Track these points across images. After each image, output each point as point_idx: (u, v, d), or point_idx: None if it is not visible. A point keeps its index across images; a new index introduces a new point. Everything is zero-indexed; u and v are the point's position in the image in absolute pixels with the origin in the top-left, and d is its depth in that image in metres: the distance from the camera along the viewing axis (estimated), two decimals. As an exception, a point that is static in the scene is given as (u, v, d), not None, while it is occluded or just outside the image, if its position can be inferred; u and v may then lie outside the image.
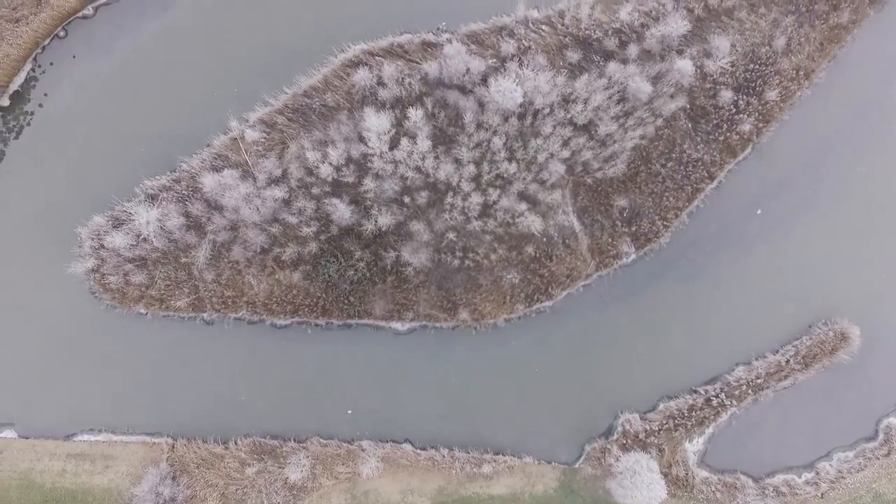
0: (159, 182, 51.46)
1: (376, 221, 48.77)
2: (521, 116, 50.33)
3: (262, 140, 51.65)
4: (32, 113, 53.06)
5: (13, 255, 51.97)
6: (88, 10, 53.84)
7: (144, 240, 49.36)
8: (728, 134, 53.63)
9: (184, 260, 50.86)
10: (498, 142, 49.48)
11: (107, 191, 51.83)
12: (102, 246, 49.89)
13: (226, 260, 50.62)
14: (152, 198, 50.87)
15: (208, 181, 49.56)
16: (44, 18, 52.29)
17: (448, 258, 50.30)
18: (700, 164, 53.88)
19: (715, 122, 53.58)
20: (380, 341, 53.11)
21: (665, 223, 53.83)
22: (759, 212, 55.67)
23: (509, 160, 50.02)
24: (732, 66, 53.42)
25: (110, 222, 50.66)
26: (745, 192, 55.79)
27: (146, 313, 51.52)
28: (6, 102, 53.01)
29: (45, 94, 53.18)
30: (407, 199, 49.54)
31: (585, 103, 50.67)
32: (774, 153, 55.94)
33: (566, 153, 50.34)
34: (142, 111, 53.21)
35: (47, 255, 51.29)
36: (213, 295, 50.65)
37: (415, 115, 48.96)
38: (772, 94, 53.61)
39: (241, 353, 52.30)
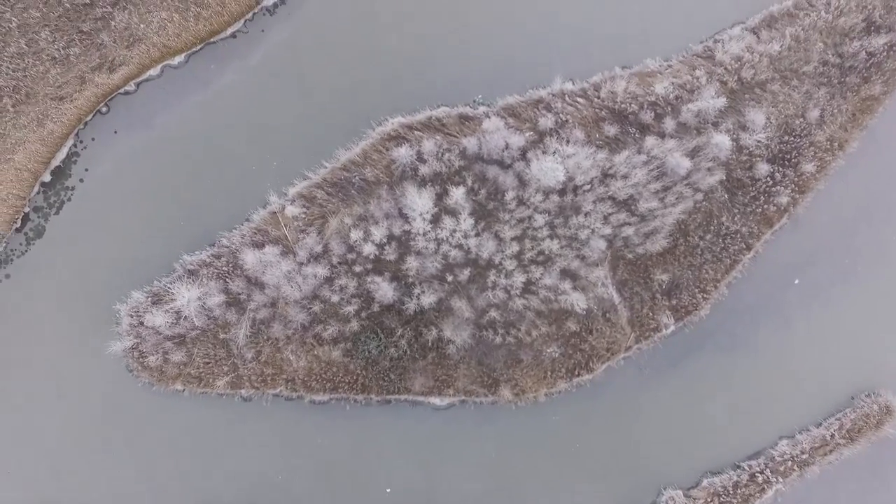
0: (199, 258, 51.52)
1: (419, 299, 48.62)
2: (562, 192, 50.58)
3: (302, 215, 51.83)
4: (73, 188, 53.45)
5: (51, 331, 51.66)
6: (131, 87, 54.58)
7: (184, 318, 49.18)
8: (765, 206, 53.87)
9: (222, 336, 50.58)
10: (540, 219, 49.65)
11: (146, 266, 51.88)
12: (142, 323, 49.70)
13: (265, 337, 50.29)
14: (192, 273, 50.89)
15: (249, 258, 49.57)
16: (87, 96, 53.00)
17: (489, 335, 49.96)
18: (738, 235, 53.93)
19: (752, 194, 53.85)
20: (419, 417, 52.39)
21: (704, 295, 53.63)
22: (796, 282, 55.52)
23: (551, 237, 50.08)
24: (768, 138, 53.98)
25: (150, 299, 50.52)
26: (783, 262, 55.72)
27: (183, 390, 51.10)
28: (48, 178, 53.36)
29: (86, 170, 53.60)
30: (449, 277, 49.47)
31: (625, 179, 51.04)
32: (810, 223, 55.99)
33: (607, 230, 50.43)
34: (181, 185, 53.57)
35: (85, 332, 51.03)
36: (252, 373, 50.16)
37: (456, 193, 49.24)
38: (808, 167, 53.99)
39: (279, 430, 51.52)
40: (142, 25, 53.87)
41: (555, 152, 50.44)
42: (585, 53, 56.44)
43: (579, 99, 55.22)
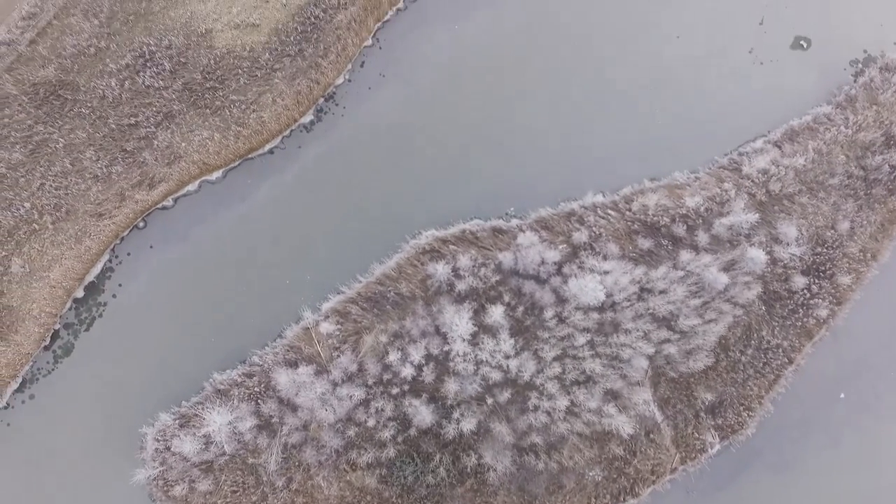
0: (230, 377, 50.29)
1: (458, 423, 46.98)
2: (601, 309, 50.14)
3: (336, 332, 51.06)
4: (105, 304, 53.06)
5: (73, 457, 49.56)
6: (168, 202, 55.51)
7: (214, 444, 47.31)
8: (804, 319, 53.20)
9: (252, 462, 48.46)
10: (580, 338, 48.91)
11: (175, 384, 50.64)
12: (168, 449, 47.75)
13: (296, 462, 48.20)
14: (222, 393, 49.48)
15: (282, 379, 48.32)
16: (126, 212, 53.80)
17: (531, 459, 47.87)
18: (779, 349, 52.92)
19: (790, 307, 53.35)
20: (456, 548, 49.42)
21: (749, 412, 51.88)
22: (842, 396, 54.02)
23: (593, 356, 49.14)
24: (801, 251, 54.14)
25: (177, 421, 48.83)
26: (826, 376, 54.32)
27: (208, 520, 48.42)
28: (80, 293, 53.18)
29: (120, 285, 53.49)
30: (489, 399, 48.07)
31: (664, 294, 50.74)
32: (851, 334, 55.03)
33: (649, 348, 49.54)
34: (214, 301, 53.24)
35: (108, 458, 49.01)
36: (283, 502, 47.63)
37: (495, 312, 48.80)
38: (844, 279, 53.77)
39: (307, 564, 48.49)
40: (183, 144, 55.54)
41: (592, 269, 50.45)
42: (614, 166, 57.79)
43: (611, 212, 55.96)
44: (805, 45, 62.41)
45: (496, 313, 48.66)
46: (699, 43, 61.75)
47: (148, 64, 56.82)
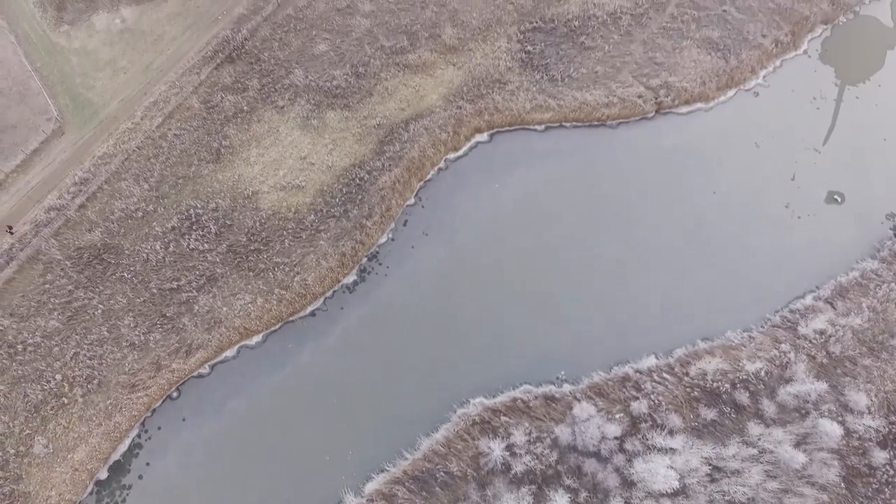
0: (263, 577, 45.16)
1: None
2: (674, 495, 46.07)
3: (382, 520, 46.64)
4: (130, 487, 48.81)
5: None
6: (205, 369, 53.24)
7: None
8: (891, 500, 48.90)
9: None
10: (654, 533, 44.48)
11: (200, 585, 45.39)
12: None
13: None
14: None
15: (323, 582, 43.25)
16: (161, 383, 51.26)
17: None
18: (869, 534, 48.17)
19: (874, 486, 49.07)
20: None
21: None
22: (945, 588, 48.31)
23: (670, 555, 44.39)
24: (875, 422, 50.88)
25: None
26: (924, 563, 49.10)
27: None
28: (104, 475, 49.10)
29: (148, 464, 49.56)
30: None
31: (738, 476, 46.91)
32: (941, 513, 50.58)
33: (732, 544, 44.94)
34: (247, 482, 48.95)
35: None
36: None
37: (559, 501, 44.70)
38: (926, 452, 50.29)
39: None
40: (224, 308, 54.29)
41: (657, 447, 47.02)
42: (664, 326, 56.17)
43: (667, 376, 53.43)
44: (839, 200, 63.52)
45: (561, 502, 44.46)
46: (736, 199, 62.82)
47: (194, 227, 57.29)
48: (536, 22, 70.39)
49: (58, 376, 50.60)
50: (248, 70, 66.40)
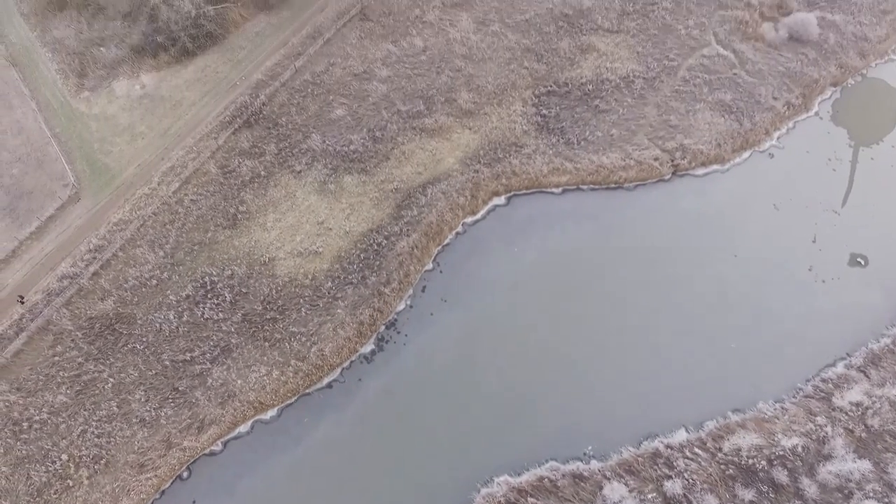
0: None
1: None
2: (716, 589, 43.29)
3: None
4: (135, 578, 46.24)
5: None
6: (217, 446, 50.98)
7: None
8: (947, 589, 46.05)
9: None
10: None
11: None
12: None
13: None
14: None
15: None
16: (171, 463, 48.97)
17: None
18: None
19: (927, 574, 46.47)
20: None
21: None
22: None
23: None
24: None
25: None
26: None
27: None
28: (106, 566, 46.62)
29: (152, 556, 47.14)
30: None
31: (784, 567, 44.22)
32: None
33: None
34: (261, 572, 46.49)
35: None
36: None
37: None
38: (979, 535, 47.62)
39: None
40: (239, 381, 52.53)
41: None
42: (692, 397, 54.12)
43: (699, 451, 51.06)
44: (863, 263, 62.63)
45: None
46: (758, 262, 61.89)
47: (209, 295, 56.21)
48: (551, 86, 71.39)
49: (64, 456, 48.42)
50: (265, 135, 66.85)
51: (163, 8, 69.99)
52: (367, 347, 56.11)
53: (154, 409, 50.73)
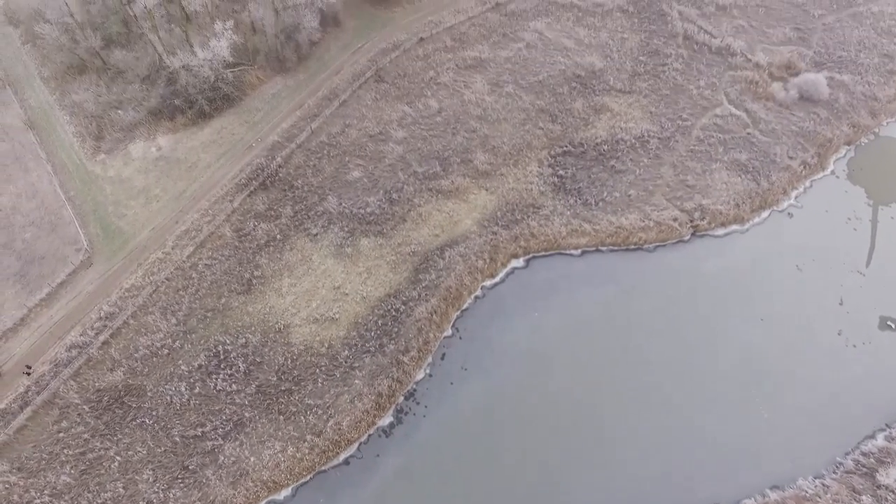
0: None
1: None
2: None
3: None
4: None
5: None
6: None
7: None
8: None
9: None
10: None
11: None
12: None
13: None
14: None
15: None
16: (179, 550, 46.25)
17: None
18: None
19: None
20: None
21: None
22: None
23: None
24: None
25: None
26: None
27: None
28: None
29: None
30: None
31: None
32: None
33: None
34: None
35: None
36: None
37: None
38: None
39: None
40: (252, 458, 49.93)
41: None
42: (728, 473, 51.30)
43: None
44: (893, 326, 60.94)
45: None
46: (785, 327, 60.13)
47: (222, 365, 54.29)
48: (566, 146, 71.52)
49: (65, 544, 45.72)
50: (281, 197, 66.43)
51: (182, 73, 70.81)
52: (386, 420, 53.70)
53: (162, 490, 47.99)
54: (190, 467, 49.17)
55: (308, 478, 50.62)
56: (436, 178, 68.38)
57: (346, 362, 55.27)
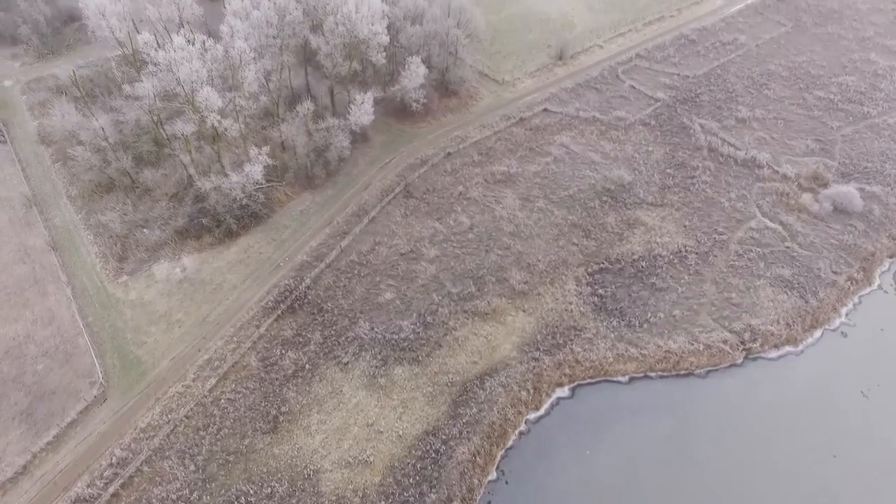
0: None
1: None
2: None
3: None
4: None
5: None
6: None
7: None
8: None
9: None
10: None
11: None
12: None
13: None
14: None
15: None
16: None
17: None
18: None
19: None
20: None
21: None
22: None
23: None
24: None
25: None
26: None
27: None
28: None
29: None
30: None
31: None
32: None
33: None
34: None
35: None
36: None
37: None
38: None
39: None
40: None
41: None
42: None
43: None
44: (980, 463, 55.72)
45: None
46: (860, 462, 54.08)
47: (244, 521, 48.70)
48: (603, 262, 69.38)
49: None
50: (310, 321, 63.12)
51: (212, 193, 70.22)
52: (431, 579, 47.40)
53: None
54: None
55: None
56: (471, 299, 65.49)
57: (382, 516, 49.57)
